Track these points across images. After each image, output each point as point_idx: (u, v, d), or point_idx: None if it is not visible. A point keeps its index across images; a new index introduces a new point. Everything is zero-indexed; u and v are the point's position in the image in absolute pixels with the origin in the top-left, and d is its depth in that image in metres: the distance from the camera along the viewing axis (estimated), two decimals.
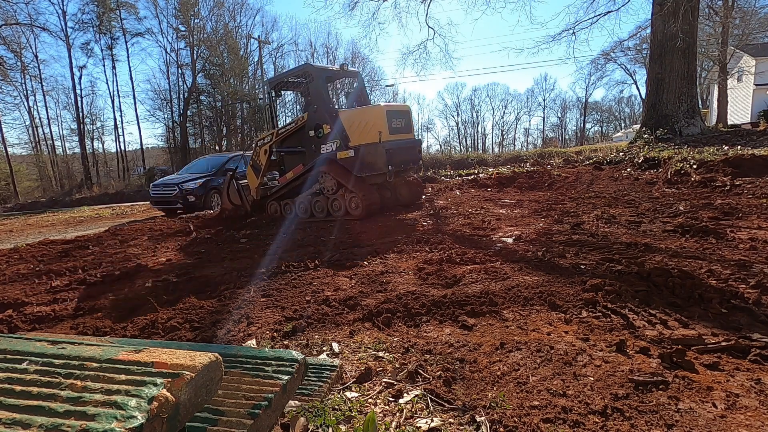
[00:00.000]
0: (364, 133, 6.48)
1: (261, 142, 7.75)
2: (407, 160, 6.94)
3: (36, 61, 31.65)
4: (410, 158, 7.03)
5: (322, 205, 7.06)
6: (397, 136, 6.68)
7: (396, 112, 6.77)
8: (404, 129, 6.91)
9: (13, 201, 25.58)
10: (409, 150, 6.99)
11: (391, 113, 6.58)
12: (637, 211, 5.29)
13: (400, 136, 6.75)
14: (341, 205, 6.79)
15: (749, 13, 23.96)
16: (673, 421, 1.48)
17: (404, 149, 6.81)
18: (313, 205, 7.18)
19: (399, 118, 6.81)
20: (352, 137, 6.61)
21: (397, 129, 6.67)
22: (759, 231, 3.96)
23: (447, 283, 3.16)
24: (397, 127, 6.71)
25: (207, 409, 1.27)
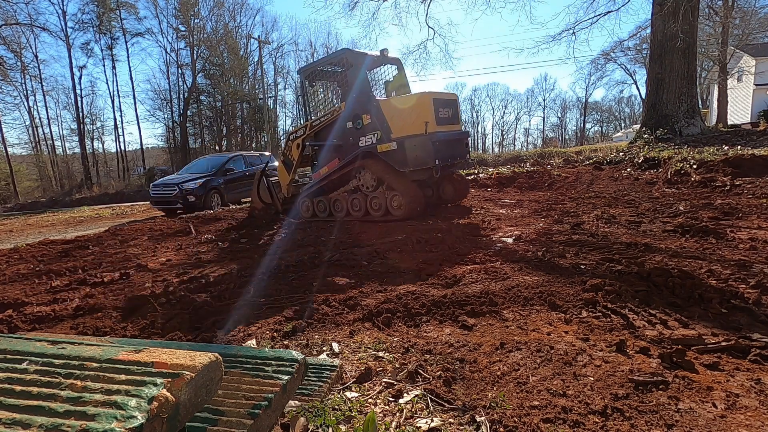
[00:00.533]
0: (408, 124, 5.92)
1: (293, 135, 7.28)
2: (454, 154, 6.32)
3: (36, 61, 31.70)
4: (458, 152, 6.44)
5: (360, 204, 6.49)
6: (445, 128, 6.07)
7: (443, 101, 6.12)
8: (451, 119, 6.28)
9: (13, 201, 25.58)
10: (456, 143, 6.38)
11: (438, 102, 5.95)
12: (637, 211, 5.29)
13: (447, 127, 6.14)
14: (381, 204, 6.22)
15: (749, 13, 23.97)
16: (673, 421, 1.48)
17: (452, 142, 6.21)
18: (349, 203, 6.62)
19: (446, 107, 6.17)
20: (395, 128, 6.04)
21: (444, 119, 6.06)
22: (759, 231, 3.96)
23: (447, 283, 3.16)
24: (444, 117, 6.09)
25: (207, 409, 1.27)
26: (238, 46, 36.81)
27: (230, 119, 38.11)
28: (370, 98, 6.36)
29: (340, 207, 6.80)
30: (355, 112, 6.43)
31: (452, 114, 6.33)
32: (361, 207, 6.50)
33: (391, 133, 6.08)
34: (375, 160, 6.27)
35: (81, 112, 33.87)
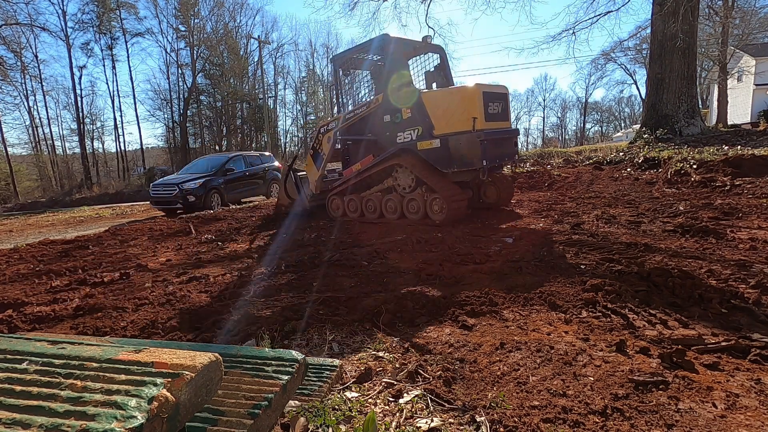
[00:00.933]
0: (454, 120, 5.37)
1: (324, 128, 6.79)
2: (503, 155, 5.76)
3: (36, 61, 31.68)
4: (506, 152, 5.87)
5: (395, 205, 6.00)
6: (494, 125, 5.51)
7: (493, 94, 5.55)
8: (501, 116, 5.71)
9: (13, 201, 25.58)
10: (505, 141, 5.81)
11: (488, 95, 5.40)
12: (637, 211, 5.29)
13: (496, 124, 5.57)
14: (419, 206, 5.72)
15: (749, 13, 23.97)
16: (673, 421, 1.48)
17: (500, 140, 5.65)
18: (383, 204, 6.14)
19: (496, 102, 5.59)
20: (438, 124, 5.52)
21: (493, 115, 5.50)
22: (759, 231, 3.96)
23: (447, 283, 3.16)
24: (494, 112, 5.52)
25: (207, 409, 1.27)
26: (238, 46, 36.82)
27: (230, 119, 38.11)
28: (412, 90, 5.86)
29: (372, 207, 6.31)
30: (393, 105, 5.93)
31: (502, 109, 5.74)
32: (396, 209, 6.00)
33: (433, 129, 5.57)
34: (414, 158, 5.78)
35: (81, 112, 33.89)
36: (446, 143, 5.45)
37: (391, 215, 6.11)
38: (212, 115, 37.83)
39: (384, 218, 6.15)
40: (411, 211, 5.84)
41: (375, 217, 6.26)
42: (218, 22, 36.34)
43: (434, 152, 5.56)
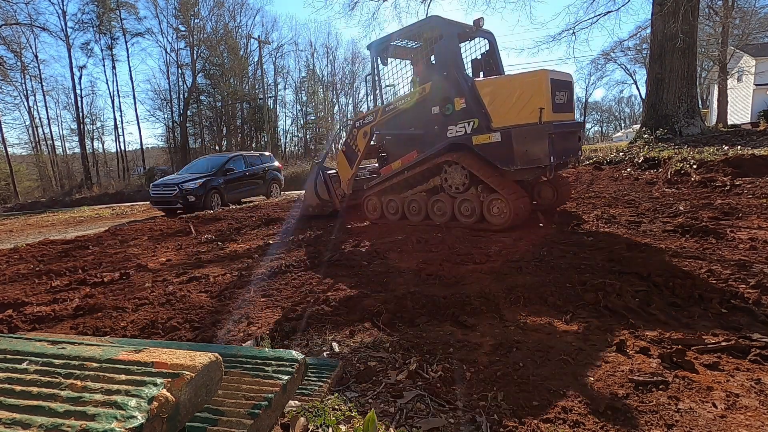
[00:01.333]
0: (516, 110, 4.83)
1: (360, 122, 6.15)
2: (568, 151, 5.21)
3: (36, 61, 31.66)
4: (571, 147, 5.31)
5: (445, 207, 5.45)
6: (560, 116, 4.95)
7: (560, 82, 4.98)
8: (567, 106, 5.15)
9: (13, 201, 25.58)
10: (570, 136, 5.27)
11: (555, 83, 4.84)
12: (637, 211, 5.29)
13: (563, 116, 5.02)
14: (474, 208, 5.14)
15: (749, 13, 23.97)
16: (673, 421, 1.48)
17: (566, 135, 5.11)
18: (430, 205, 5.58)
19: (563, 91, 5.04)
20: (496, 116, 4.97)
21: (560, 105, 4.96)
22: (759, 231, 3.96)
23: (447, 283, 3.16)
24: (561, 102, 4.98)
25: (207, 409, 1.27)
26: (238, 46, 36.82)
27: (230, 119, 38.11)
28: (466, 78, 5.24)
29: (416, 209, 5.77)
30: (444, 95, 5.35)
31: (567, 99, 5.16)
32: (446, 211, 5.44)
33: (491, 122, 5.00)
34: (468, 154, 5.19)
35: (81, 112, 33.87)
36: (509, 137, 4.83)
37: (439, 217, 5.55)
38: (212, 115, 37.83)
39: (429, 221, 5.63)
40: (464, 214, 5.28)
41: (419, 219, 5.74)
42: (218, 22, 36.36)
43: (493, 147, 4.96)
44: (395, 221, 5.96)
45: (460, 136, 5.26)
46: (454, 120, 5.30)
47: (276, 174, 13.68)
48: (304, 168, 23.50)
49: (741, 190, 5.82)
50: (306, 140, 41.11)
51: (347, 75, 44.23)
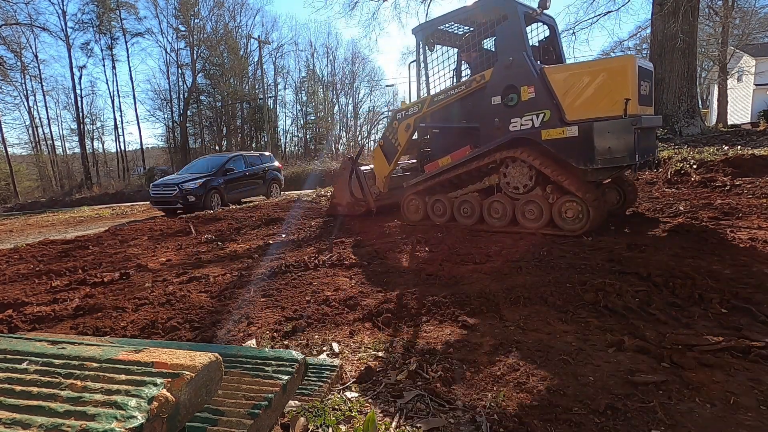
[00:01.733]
0: (596, 102, 4.31)
1: (402, 114, 5.65)
2: (648, 148, 4.73)
3: (36, 61, 31.65)
4: (651, 145, 4.87)
5: (505, 209, 4.87)
6: (645, 110, 4.46)
7: (645, 71, 4.48)
8: (649, 99, 4.64)
9: (13, 201, 25.58)
10: (651, 133, 4.85)
11: (641, 71, 4.35)
12: (638, 211, 5.29)
13: (647, 109, 4.53)
14: (542, 211, 4.58)
15: (749, 13, 23.97)
16: (673, 421, 1.48)
17: (649, 131, 4.67)
18: (486, 207, 5.02)
19: (646, 82, 4.54)
20: (571, 107, 4.44)
21: (644, 98, 4.46)
22: (759, 231, 3.96)
23: (447, 283, 3.16)
24: (645, 95, 4.48)
25: (207, 409, 1.27)
26: (238, 46, 36.81)
27: (230, 119, 38.10)
28: (534, 64, 4.73)
29: (468, 211, 5.21)
30: (507, 83, 4.82)
31: (649, 91, 4.65)
32: (506, 213, 4.88)
33: (564, 114, 4.48)
34: (534, 150, 4.64)
35: (81, 112, 33.86)
36: (588, 132, 4.28)
37: (496, 221, 4.98)
38: (212, 115, 37.83)
39: (484, 224, 5.07)
40: (528, 217, 4.71)
41: (471, 222, 5.17)
42: (218, 22, 36.35)
43: (568, 143, 4.41)
44: (442, 223, 5.46)
45: (527, 129, 4.70)
46: (519, 112, 4.75)
47: (276, 174, 13.68)
48: (304, 168, 23.52)
49: (741, 190, 5.82)
50: (306, 140, 41.09)
51: (347, 75, 44.24)
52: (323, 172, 21.79)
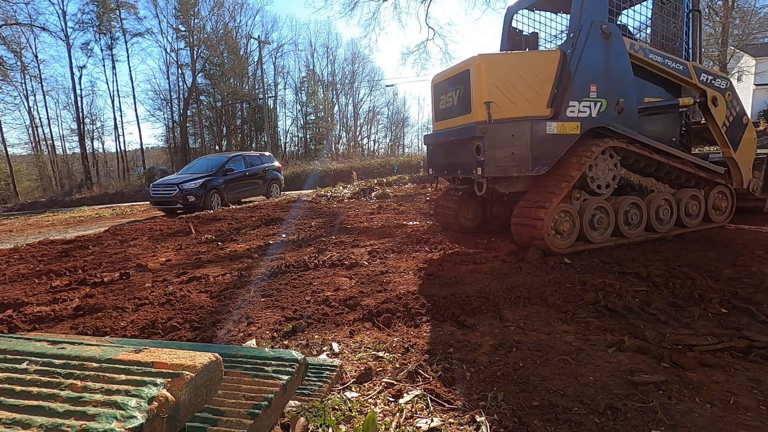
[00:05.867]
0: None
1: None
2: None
3: (36, 61, 31.64)
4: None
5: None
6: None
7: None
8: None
9: (13, 201, 25.57)
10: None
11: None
12: None
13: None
14: None
15: (749, 13, 23.95)
16: (673, 421, 1.47)
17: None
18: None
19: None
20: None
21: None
22: (759, 231, 3.95)
23: (447, 283, 3.16)
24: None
25: (207, 409, 1.27)
26: (238, 46, 36.82)
27: (230, 119, 38.11)
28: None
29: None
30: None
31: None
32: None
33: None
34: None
35: (81, 112, 33.85)
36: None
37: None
38: (212, 115, 37.83)
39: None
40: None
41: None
42: (218, 22, 36.36)
43: None
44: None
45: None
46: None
47: (276, 174, 13.69)
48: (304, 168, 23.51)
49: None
50: (306, 140, 41.10)
51: (347, 75, 44.24)
52: (323, 172, 21.79)
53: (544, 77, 3.96)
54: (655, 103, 4.46)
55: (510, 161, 3.82)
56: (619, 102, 4.07)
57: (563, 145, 3.90)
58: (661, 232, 4.24)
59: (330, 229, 6.03)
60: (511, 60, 4.04)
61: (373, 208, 7.96)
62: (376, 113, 46.83)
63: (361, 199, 10.11)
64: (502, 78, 3.84)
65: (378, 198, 9.93)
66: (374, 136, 48.73)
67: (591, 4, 4.01)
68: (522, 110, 3.89)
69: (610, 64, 4.03)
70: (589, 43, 3.93)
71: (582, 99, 3.96)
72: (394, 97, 49.54)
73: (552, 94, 3.98)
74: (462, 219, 5.01)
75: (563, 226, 3.81)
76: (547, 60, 4.02)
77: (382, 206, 8.15)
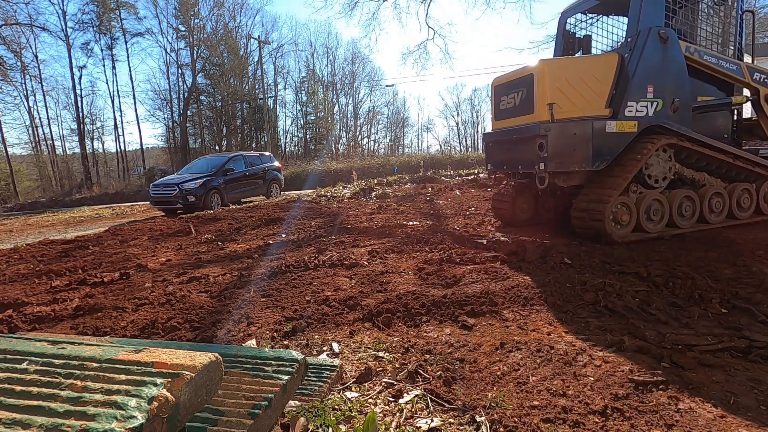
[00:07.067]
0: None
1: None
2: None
3: (36, 61, 31.61)
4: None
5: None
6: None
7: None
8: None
9: (13, 201, 25.56)
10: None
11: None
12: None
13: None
14: None
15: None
16: (673, 421, 1.47)
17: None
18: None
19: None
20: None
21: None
22: (760, 231, 3.96)
23: (447, 283, 3.16)
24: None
25: (207, 409, 1.27)
26: (238, 46, 36.81)
27: (230, 119, 38.10)
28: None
29: None
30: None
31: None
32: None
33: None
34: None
35: (81, 112, 33.83)
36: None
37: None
38: (212, 115, 37.82)
39: None
40: None
41: None
42: (218, 22, 36.35)
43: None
44: None
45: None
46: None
47: (276, 174, 13.69)
48: (304, 168, 23.51)
49: None
50: (306, 140, 41.10)
51: (347, 75, 44.25)
52: (323, 172, 21.78)
53: (602, 79, 4.21)
54: (708, 101, 4.66)
55: (572, 157, 4.09)
56: (674, 101, 4.27)
57: (621, 142, 4.15)
58: (714, 223, 4.48)
59: (330, 229, 6.03)
60: (571, 64, 4.33)
61: (373, 208, 7.96)
62: (376, 113, 46.88)
63: (361, 199, 10.11)
64: (563, 81, 4.11)
65: (378, 198, 9.93)
66: (374, 136, 48.76)
67: (648, 9, 4.22)
68: (582, 110, 4.15)
69: (667, 66, 4.27)
70: (647, 48, 4.17)
71: (640, 99, 4.19)
72: (394, 97, 49.47)
73: (610, 95, 4.22)
74: (518, 211, 5.30)
75: (622, 218, 4.07)
76: (606, 63, 4.26)
77: (382, 206, 8.16)
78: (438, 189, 10.47)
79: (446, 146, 54.69)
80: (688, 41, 4.52)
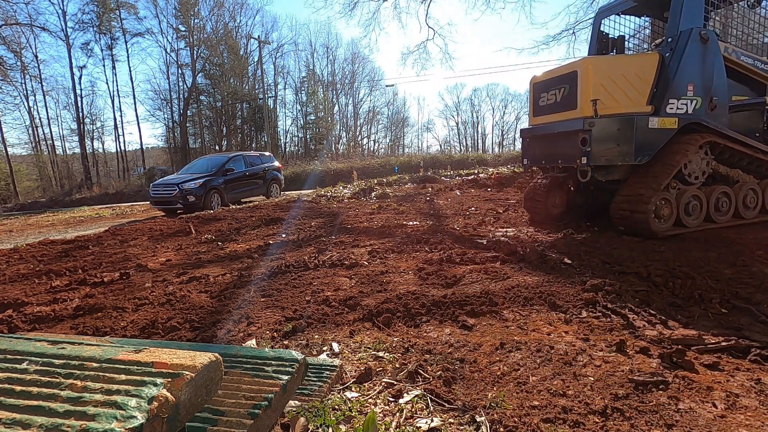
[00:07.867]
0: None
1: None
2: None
3: (36, 61, 31.63)
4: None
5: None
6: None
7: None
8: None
9: (13, 201, 25.57)
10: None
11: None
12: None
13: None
14: None
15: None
16: (673, 421, 1.47)
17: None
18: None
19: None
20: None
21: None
22: (760, 231, 3.96)
23: (447, 283, 3.16)
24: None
25: (207, 409, 1.27)
26: (238, 46, 36.82)
27: (230, 119, 38.11)
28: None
29: None
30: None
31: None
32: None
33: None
34: None
35: (81, 112, 33.84)
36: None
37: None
38: (212, 115, 37.83)
39: None
40: None
41: None
42: (218, 22, 36.36)
43: None
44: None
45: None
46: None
47: (276, 174, 13.69)
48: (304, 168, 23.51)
49: None
50: (306, 140, 41.11)
51: (347, 75, 44.27)
52: (323, 172, 21.79)
53: (644, 78, 4.34)
54: (743, 101, 4.80)
55: (615, 152, 4.23)
56: (712, 100, 4.42)
57: (662, 138, 4.29)
58: (748, 218, 4.67)
59: (330, 229, 6.03)
60: (615, 62, 4.44)
61: (373, 208, 7.96)
62: (376, 113, 46.91)
63: (361, 199, 10.11)
64: (607, 78, 4.23)
65: (378, 198, 9.93)
66: (374, 136, 48.80)
67: (689, 11, 4.34)
68: (624, 107, 4.28)
69: (707, 65, 4.43)
70: (688, 48, 4.32)
71: (680, 97, 4.36)
72: (394, 97, 49.53)
73: (651, 93, 4.37)
74: (551, 206, 5.42)
75: (663, 212, 4.21)
76: (647, 62, 4.40)
77: (382, 206, 8.16)
78: (438, 189, 10.47)
79: (446, 146, 54.75)
80: (725, 42, 4.65)
